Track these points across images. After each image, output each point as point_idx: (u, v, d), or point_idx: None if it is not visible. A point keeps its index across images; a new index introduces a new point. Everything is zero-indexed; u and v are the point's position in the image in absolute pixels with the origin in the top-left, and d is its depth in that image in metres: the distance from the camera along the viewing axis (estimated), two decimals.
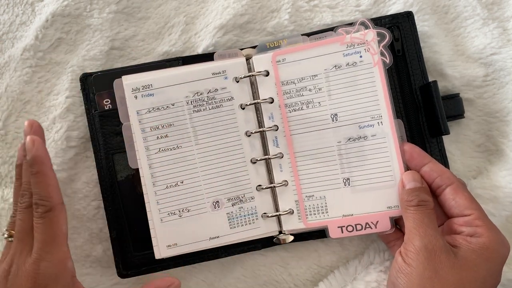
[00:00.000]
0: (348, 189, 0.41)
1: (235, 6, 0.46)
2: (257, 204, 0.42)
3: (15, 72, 0.45)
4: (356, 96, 0.41)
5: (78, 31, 0.46)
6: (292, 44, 0.42)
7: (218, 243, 0.42)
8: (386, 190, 0.40)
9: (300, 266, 0.45)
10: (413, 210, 0.37)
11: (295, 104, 0.42)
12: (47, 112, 0.45)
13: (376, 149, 0.40)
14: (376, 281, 0.41)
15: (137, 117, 0.42)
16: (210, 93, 0.42)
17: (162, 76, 0.42)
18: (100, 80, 0.43)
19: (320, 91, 0.41)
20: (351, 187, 0.41)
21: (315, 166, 0.41)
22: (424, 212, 0.37)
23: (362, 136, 0.41)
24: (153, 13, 0.47)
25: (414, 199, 0.38)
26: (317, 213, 0.41)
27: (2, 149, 0.45)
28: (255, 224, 0.42)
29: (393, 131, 0.40)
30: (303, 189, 0.42)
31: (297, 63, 0.42)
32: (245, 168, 0.42)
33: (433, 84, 0.41)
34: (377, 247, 0.44)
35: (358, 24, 0.41)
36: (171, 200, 0.42)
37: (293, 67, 0.42)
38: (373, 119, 0.40)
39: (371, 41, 0.40)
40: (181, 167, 0.42)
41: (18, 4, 0.47)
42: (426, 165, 0.39)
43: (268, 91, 0.42)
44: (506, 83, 0.45)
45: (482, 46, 0.45)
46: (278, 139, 0.42)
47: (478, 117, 0.45)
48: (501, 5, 0.46)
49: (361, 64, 0.40)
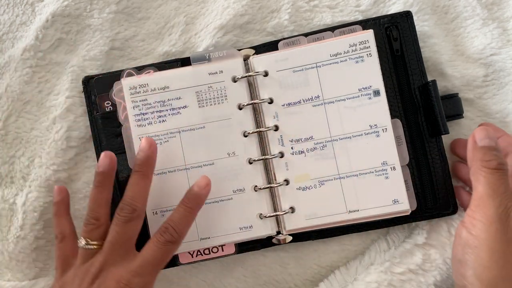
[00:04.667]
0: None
1: (235, 6, 0.46)
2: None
3: (15, 72, 0.45)
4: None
5: (78, 31, 0.46)
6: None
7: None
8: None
9: (300, 266, 0.45)
10: (490, 174, 0.33)
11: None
12: (47, 112, 0.45)
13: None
14: (377, 281, 0.41)
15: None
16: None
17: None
18: (101, 82, 0.44)
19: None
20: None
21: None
22: (502, 177, 0.33)
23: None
24: (153, 13, 0.47)
25: (493, 160, 0.33)
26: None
27: (2, 149, 0.45)
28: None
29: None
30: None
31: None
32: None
33: (432, 83, 0.41)
34: (378, 247, 0.44)
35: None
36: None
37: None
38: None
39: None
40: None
41: (18, 4, 0.47)
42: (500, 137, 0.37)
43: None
44: (506, 83, 0.45)
45: (482, 46, 0.45)
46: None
47: (478, 117, 0.45)
48: (501, 5, 0.46)
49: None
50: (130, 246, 0.38)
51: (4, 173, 0.45)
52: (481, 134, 0.35)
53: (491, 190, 0.33)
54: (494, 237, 0.32)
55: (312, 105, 0.42)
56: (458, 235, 0.35)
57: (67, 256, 0.39)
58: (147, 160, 0.39)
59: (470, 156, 0.36)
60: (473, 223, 0.33)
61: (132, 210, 0.37)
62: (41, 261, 0.45)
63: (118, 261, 0.37)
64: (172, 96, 0.42)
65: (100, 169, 0.39)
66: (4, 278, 0.44)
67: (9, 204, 0.45)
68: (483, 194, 0.33)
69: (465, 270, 0.34)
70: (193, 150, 0.42)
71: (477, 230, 0.33)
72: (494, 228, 0.32)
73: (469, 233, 0.33)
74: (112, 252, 0.37)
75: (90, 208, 0.38)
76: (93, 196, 0.39)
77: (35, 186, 0.44)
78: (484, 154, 0.34)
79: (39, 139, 0.45)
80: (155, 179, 0.41)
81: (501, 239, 0.32)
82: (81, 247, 0.38)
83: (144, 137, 0.40)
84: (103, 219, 0.38)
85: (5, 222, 0.45)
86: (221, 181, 0.42)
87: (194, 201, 0.38)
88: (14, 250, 0.44)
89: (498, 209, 0.32)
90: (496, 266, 0.32)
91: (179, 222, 0.37)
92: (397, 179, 0.41)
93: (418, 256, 0.41)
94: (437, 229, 0.42)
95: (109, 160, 0.39)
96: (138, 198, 0.38)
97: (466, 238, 0.34)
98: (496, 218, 0.32)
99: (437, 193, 0.42)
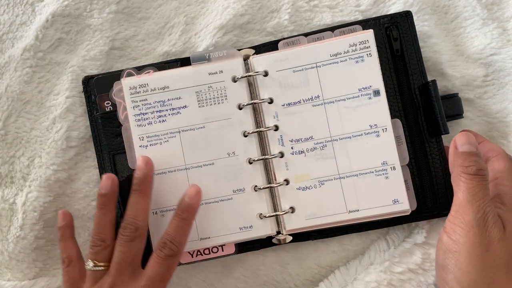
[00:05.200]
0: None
1: (235, 6, 0.46)
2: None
3: (15, 72, 0.45)
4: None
5: (78, 31, 0.46)
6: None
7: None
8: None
9: (300, 266, 0.45)
10: (469, 179, 0.34)
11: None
12: (47, 112, 0.45)
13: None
14: (376, 281, 0.41)
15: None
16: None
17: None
18: (101, 82, 0.44)
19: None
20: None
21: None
22: (481, 183, 0.34)
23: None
24: (153, 13, 0.47)
25: (472, 166, 0.34)
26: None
27: (2, 149, 0.45)
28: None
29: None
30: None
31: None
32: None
33: (432, 83, 0.41)
34: (377, 247, 0.44)
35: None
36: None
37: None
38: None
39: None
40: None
41: (18, 4, 0.47)
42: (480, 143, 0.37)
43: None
44: (506, 83, 0.45)
45: (482, 46, 0.45)
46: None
47: (478, 117, 0.45)
48: (501, 5, 0.46)
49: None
50: (137, 264, 0.38)
51: (4, 173, 0.45)
52: (462, 139, 0.36)
53: (470, 195, 0.34)
54: (473, 242, 0.33)
55: (312, 105, 0.42)
56: (440, 240, 0.35)
57: (75, 280, 0.39)
58: (145, 178, 0.39)
59: (451, 161, 0.36)
60: (453, 228, 0.34)
61: (135, 229, 0.38)
62: (41, 261, 0.45)
63: (126, 280, 0.37)
64: (172, 96, 0.42)
65: (103, 191, 0.39)
66: (4, 278, 0.44)
67: (9, 204, 0.45)
68: (463, 200, 0.34)
69: (446, 274, 0.35)
70: (193, 150, 0.42)
71: (457, 235, 0.33)
72: (472, 233, 0.33)
73: (450, 238, 0.34)
74: (119, 272, 0.37)
75: (96, 230, 0.39)
76: (97, 218, 0.39)
77: (35, 186, 0.44)
78: (464, 159, 0.35)
79: (39, 139, 0.45)
80: (155, 179, 0.41)
81: (480, 243, 0.33)
82: (88, 270, 0.38)
83: (141, 156, 0.41)
84: (109, 240, 0.38)
85: (5, 222, 0.45)
86: (221, 181, 0.42)
87: (187, 211, 0.39)
88: (14, 250, 0.44)
89: (476, 215, 0.33)
90: (475, 270, 0.33)
91: (176, 235, 0.38)
92: (397, 179, 0.41)
93: (418, 255, 0.41)
94: (437, 229, 0.42)
95: (111, 182, 0.39)
96: (140, 216, 0.38)
97: (447, 243, 0.34)
98: (474, 223, 0.33)
99: (437, 193, 0.42)
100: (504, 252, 0.33)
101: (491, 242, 0.33)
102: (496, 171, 0.37)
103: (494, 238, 0.33)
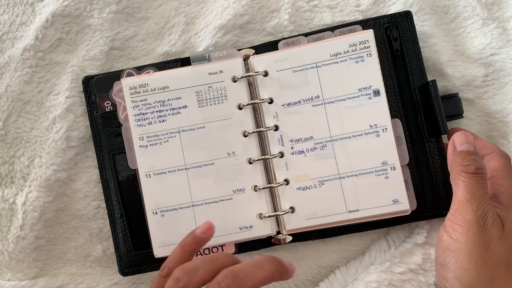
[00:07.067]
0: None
1: (235, 6, 0.46)
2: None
3: (15, 72, 0.45)
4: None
5: (78, 31, 0.46)
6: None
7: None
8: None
9: (300, 266, 0.45)
10: (468, 178, 0.34)
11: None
12: (47, 112, 0.45)
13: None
14: (377, 281, 0.41)
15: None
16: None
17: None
18: (101, 82, 0.44)
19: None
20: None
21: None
22: (480, 182, 0.34)
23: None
24: (153, 13, 0.47)
25: (471, 165, 0.34)
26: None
27: (2, 149, 0.45)
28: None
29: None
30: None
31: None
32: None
33: (432, 83, 0.41)
34: (378, 247, 0.44)
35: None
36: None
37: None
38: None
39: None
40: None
41: (18, 4, 0.47)
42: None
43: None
44: (506, 83, 0.45)
45: (482, 46, 0.45)
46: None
47: (478, 117, 0.45)
48: (501, 5, 0.46)
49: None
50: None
51: (4, 173, 0.45)
52: (460, 139, 0.36)
53: (470, 194, 0.34)
54: (473, 240, 0.33)
55: (312, 105, 0.42)
56: (440, 239, 0.36)
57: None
58: (199, 242, 0.35)
59: (450, 160, 0.37)
60: (453, 227, 0.34)
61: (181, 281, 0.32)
62: (41, 261, 0.45)
63: None
64: (172, 96, 0.42)
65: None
66: (4, 278, 0.44)
67: (9, 204, 0.45)
68: (462, 199, 0.34)
69: (446, 273, 0.35)
70: (193, 150, 0.42)
71: (457, 234, 0.34)
72: (472, 231, 0.33)
73: (450, 236, 0.34)
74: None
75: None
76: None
77: (35, 186, 0.44)
78: (463, 158, 0.35)
79: (39, 139, 0.45)
80: (155, 179, 0.41)
81: (480, 242, 0.33)
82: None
83: (209, 222, 0.35)
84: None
85: (5, 222, 0.45)
86: (221, 181, 0.42)
87: (194, 244, 0.34)
88: (14, 250, 0.44)
89: (476, 213, 0.33)
90: (475, 268, 0.33)
91: (187, 266, 0.32)
92: (397, 179, 0.41)
93: (418, 255, 0.41)
94: (437, 229, 0.42)
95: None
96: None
97: (447, 242, 0.35)
98: (474, 222, 0.33)
99: (437, 193, 0.42)
100: (503, 250, 0.34)
101: (491, 240, 0.33)
102: (492, 170, 0.37)
103: (493, 236, 0.34)
